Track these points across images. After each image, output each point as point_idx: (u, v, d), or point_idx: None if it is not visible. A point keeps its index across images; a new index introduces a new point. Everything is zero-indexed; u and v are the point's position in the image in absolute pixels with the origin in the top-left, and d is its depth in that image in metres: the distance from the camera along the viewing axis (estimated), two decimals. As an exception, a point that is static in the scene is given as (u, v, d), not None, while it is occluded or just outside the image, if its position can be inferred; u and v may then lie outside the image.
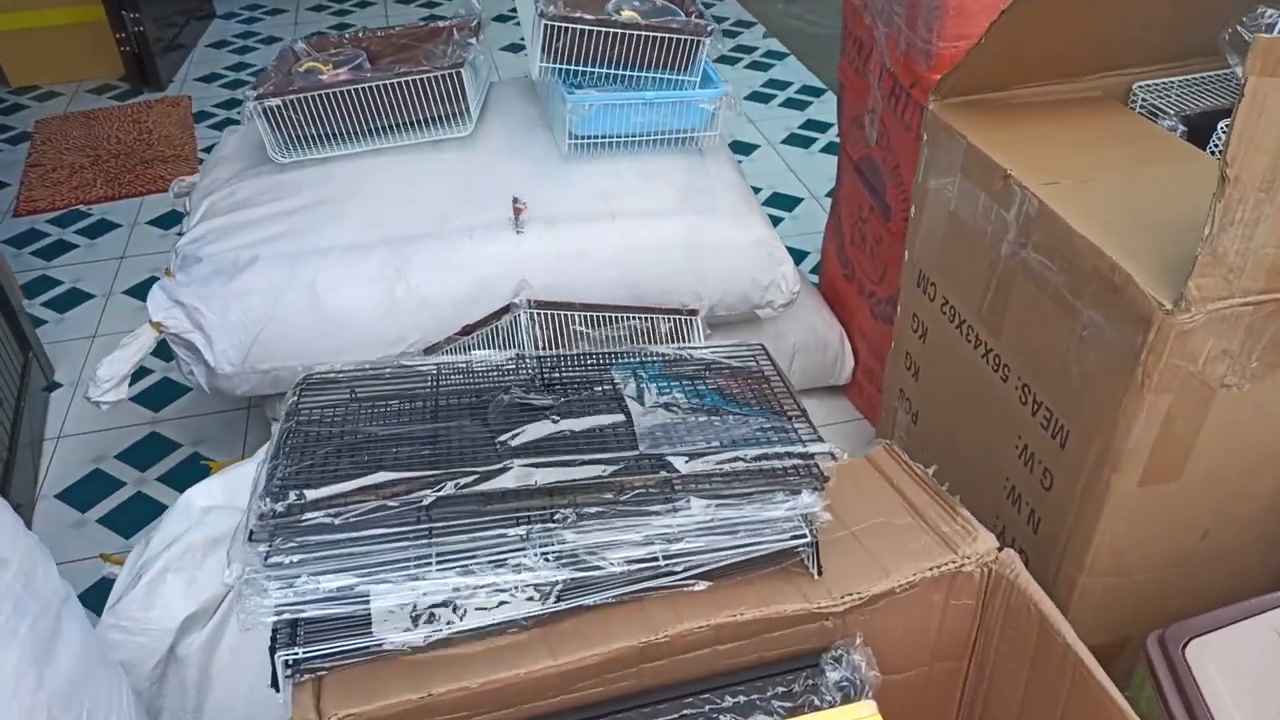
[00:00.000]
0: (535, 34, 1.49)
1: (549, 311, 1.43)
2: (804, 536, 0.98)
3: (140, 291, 2.38)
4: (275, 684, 0.93)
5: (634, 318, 1.52)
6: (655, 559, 0.96)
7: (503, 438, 0.94)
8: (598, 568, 0.95)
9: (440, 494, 0.90)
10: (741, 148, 3.02)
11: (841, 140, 1.81)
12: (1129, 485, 1.06)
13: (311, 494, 0.89)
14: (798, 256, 2.38)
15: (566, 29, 1.47)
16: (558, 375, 1.09)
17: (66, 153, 3.09)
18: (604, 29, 1.48)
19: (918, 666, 1.13)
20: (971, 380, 1.29)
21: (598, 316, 1.48)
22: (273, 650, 0.91)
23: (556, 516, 0.92)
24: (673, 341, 1.57)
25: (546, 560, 0.94)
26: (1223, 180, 0.85)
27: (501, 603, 0.94)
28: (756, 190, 2.75)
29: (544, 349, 1.48)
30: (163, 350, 1.81)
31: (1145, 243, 1.01)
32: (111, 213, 2.78)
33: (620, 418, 0.99)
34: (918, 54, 1.41)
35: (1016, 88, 1.32)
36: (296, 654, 0.91)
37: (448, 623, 0.93)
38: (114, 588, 1.13)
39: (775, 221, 2.61)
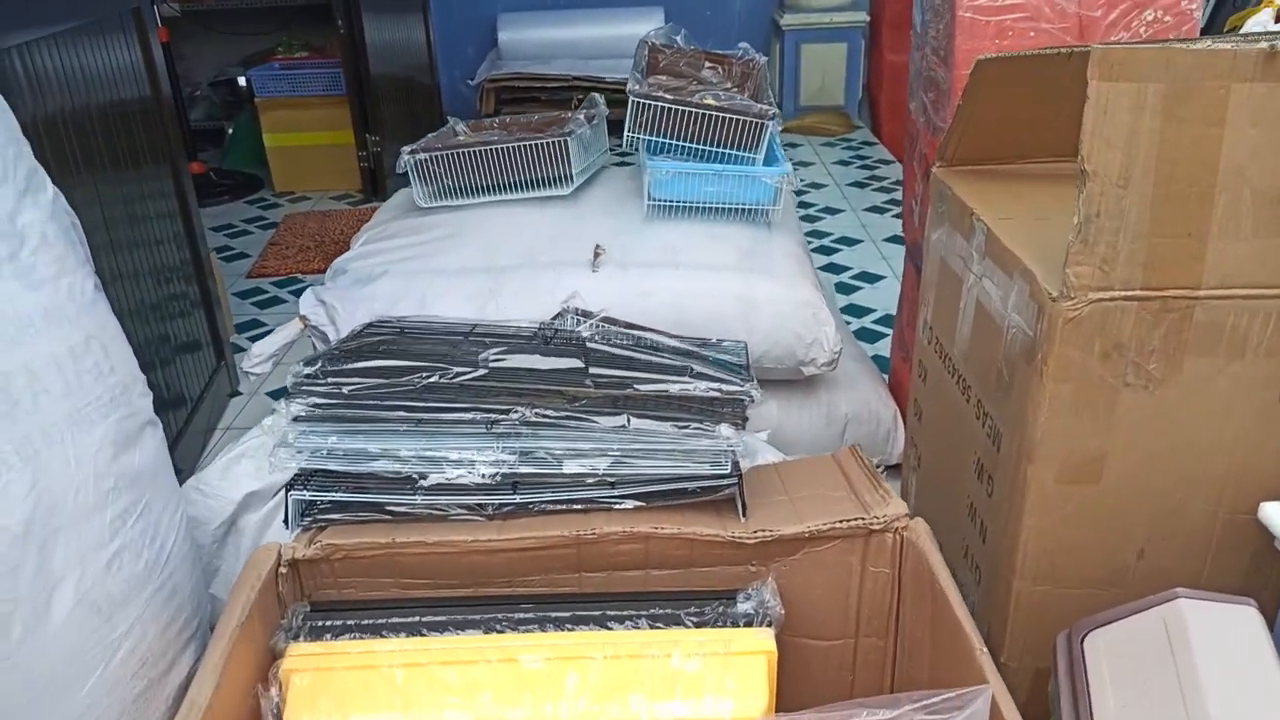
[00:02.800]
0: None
1: (592, 320, 1.67)
2: (724, 469, 1.14)
3: (321, 336, 2.85)
4: (287, 521, 1.18)
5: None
6: (596, 470, 1.15)
7: (483, 354, 1.18)
8: (549, 464, 1.15)
9: (428, 380, 1.15)
10: (869, 277, 3.21)
11: (904, 231, 1.99)
12: (1046, 480, 1.14)
13: (331, 366, 1.16)
14: (886, 363, 2.51)
15: (649, 105, 1.79)
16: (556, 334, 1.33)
17: (299, 238, 3.73)
18: (680, 108, 1.78)
19: (844, 637, 1.23)
20: (950, 409, 1.40)
21: (643, 336, 1.70)
22: (288, 490, 1.16)
23: (513, 413, 1.13)
24: (711, 374, 1.76)
25: (507, 450, 1.15)
26: (1081, 175, 1.00)
27: (469, 483, 1.16)
28: (870, 311, 2.93)
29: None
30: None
31: (1062, 255, 1.14)
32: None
33: (580, 357, 1.21)
34: (940, 134, 1.60)
35: (1023, 161, 1.48)
36: (305, 495, 1.16)
37: (423, 489, 1.15)
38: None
39: (878, 335, 2.76)
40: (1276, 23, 1.80)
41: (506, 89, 5.01)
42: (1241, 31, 1.81)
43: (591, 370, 1.16)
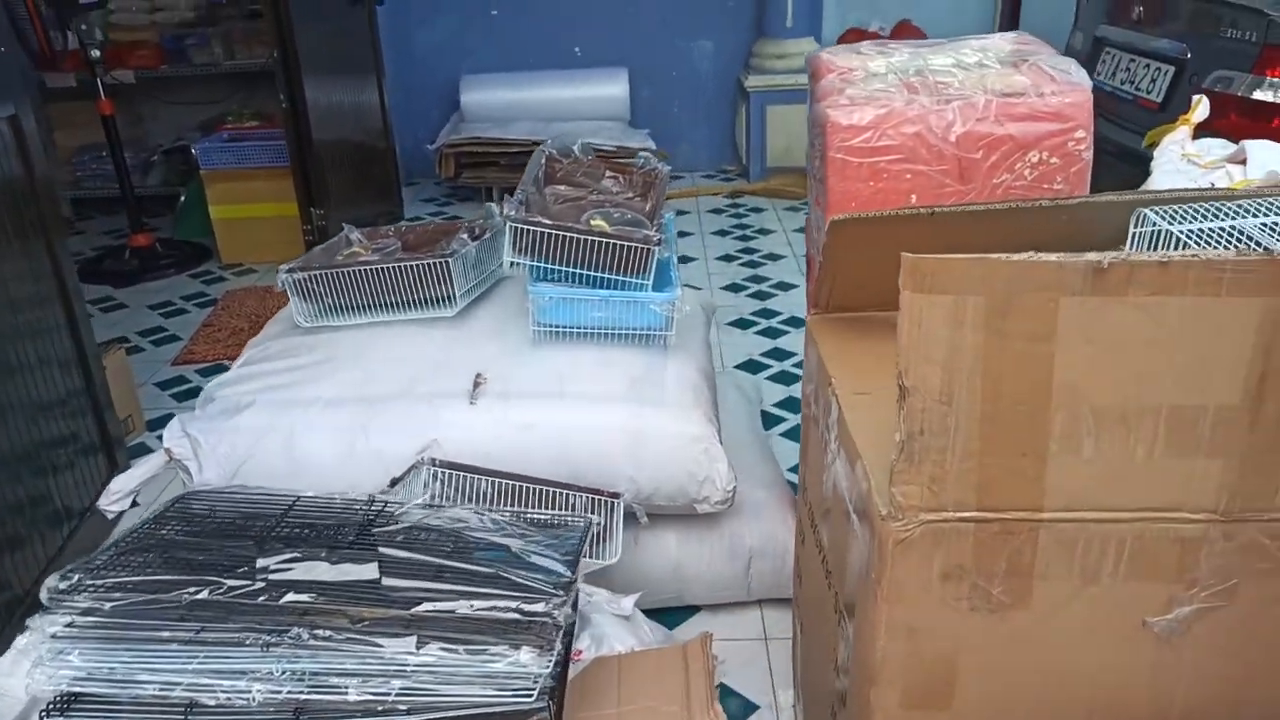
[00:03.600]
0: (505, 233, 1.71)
1: (453, 472, 1.56)
2: (528, 697, 1.02)
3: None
4: (45, 751, 1.05)
5: (549, 492, 1.61)
6: (386, 696, 1.02)
7: (264, 564, 1.06)
8: (335, 689, 1.03)
9: (196, 596, 1.03)
10: (788, 377, 3.08)
11: (810, 353, 1.88)
12: (890, 705, 1.02)
13: (91, 580, 1.04)
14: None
15: (528, 231, 1.68)
16: (381, 518, 1.21)
17: (235, 318, 3.63)
18: (558, 233, 1.67)
19: None
20: (818, 588, 1.28)
21: (509, 485, 1.59)
22: (43, 717, 1.04)
23: (291, 634, 1.01)
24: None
25: (288, 676, 1.03)
26: (901, 390, 0.88)
27: (246, 709, 1.03)
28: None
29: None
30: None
31: (907, 453, 1.02)
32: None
33: (374, 561, 1.09)
34: (822, 272, 1.49)
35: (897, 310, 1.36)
36: (61, 723, 1.03)
37: (196, 715, 1.03)
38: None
39: (813, 434, 2.64)
40: (1193, 141, 1.69)
41: (465, 153, 4.94)
42: (1158, 151, 1.70)
43: (385, 582, 1.04)
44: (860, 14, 5.43)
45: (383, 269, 1.82)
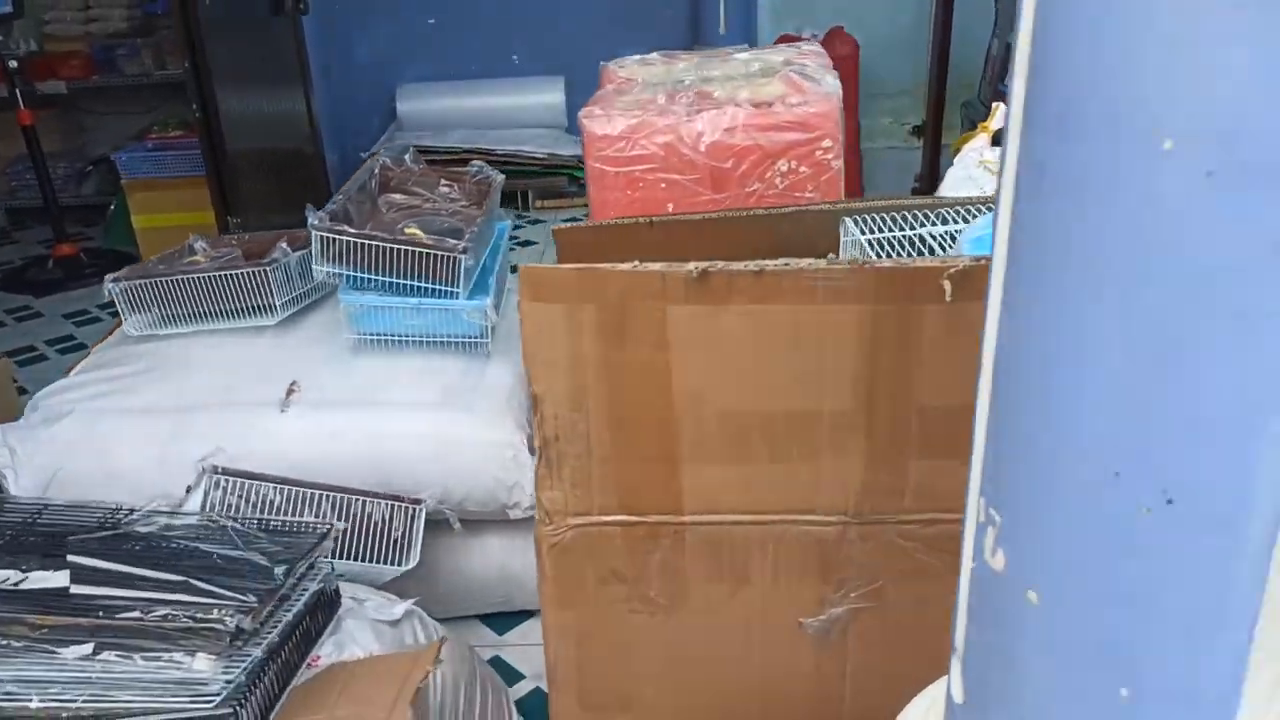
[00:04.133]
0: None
1: (237, 480, 1.57)
2: (208, 703, 1.03)
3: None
4: None
5: (345, 499, 1.62)
6: (71, 700, 1.03)
7: (-40, 566, 1.08)
8: (16, 699, 1.03)
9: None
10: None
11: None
12: (572, 708, 1.03)
13: None
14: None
15: (333, 240, 1.70)
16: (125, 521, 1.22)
17: (145, 325, 3.64)
18: (363, 241, 1.69)
19: None
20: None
21: (299, 493, 1.60)
22: None
23: (-28, 640, 1.02)
24: (388, 528, 1.65)
25: (-25, 683, 1.03)
26: (532, 398, 0.89)
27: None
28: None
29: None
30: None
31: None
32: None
33: (66, 569, 1.10)
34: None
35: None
36: None
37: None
38: None
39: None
40: (993, 146, 1.71)
41: (397, 162, 4.95)
42: (957, 158, 1.72)
43: (75, 590, 1.05)
44: (795, 21, 5.46)
45: (203, 278, 1.84)
